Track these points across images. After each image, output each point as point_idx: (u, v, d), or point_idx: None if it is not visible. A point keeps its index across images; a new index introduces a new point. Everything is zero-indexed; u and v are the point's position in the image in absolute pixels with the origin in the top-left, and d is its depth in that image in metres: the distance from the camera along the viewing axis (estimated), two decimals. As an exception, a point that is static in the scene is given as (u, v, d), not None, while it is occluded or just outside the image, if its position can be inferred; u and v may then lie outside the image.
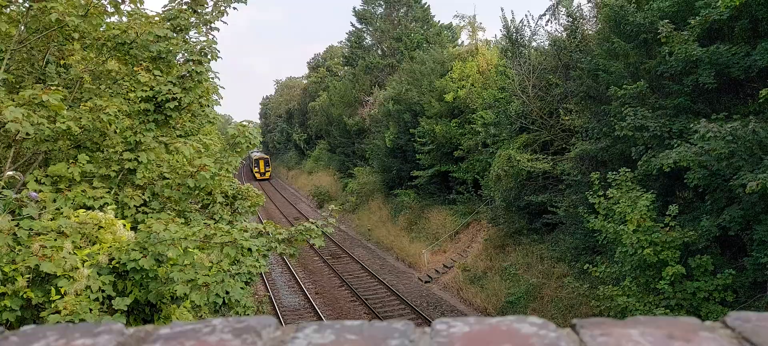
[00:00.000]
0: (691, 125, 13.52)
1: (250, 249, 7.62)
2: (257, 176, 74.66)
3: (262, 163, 77.49)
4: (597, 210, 15.73)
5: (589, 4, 25.39)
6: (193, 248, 6.97)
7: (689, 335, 0.69)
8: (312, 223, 8.93)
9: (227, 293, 6.99)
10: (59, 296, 6.01)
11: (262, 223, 8.87)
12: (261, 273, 15.72)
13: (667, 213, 14.27)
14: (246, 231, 7.94)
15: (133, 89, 9.38)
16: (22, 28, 9.03)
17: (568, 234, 21.49)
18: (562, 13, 25.41)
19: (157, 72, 9.25)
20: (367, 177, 43.88)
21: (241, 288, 8.31)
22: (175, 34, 9.70)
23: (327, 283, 27.15)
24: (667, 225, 14.22)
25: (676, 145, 13.97)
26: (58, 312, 5.89)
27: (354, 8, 52.83)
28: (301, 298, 25.03)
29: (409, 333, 0.70)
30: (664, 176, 15.37)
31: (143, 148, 8.82)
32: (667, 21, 14.94)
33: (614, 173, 15.72)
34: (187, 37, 10.38)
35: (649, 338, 0.67)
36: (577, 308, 19.32)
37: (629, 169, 15.55)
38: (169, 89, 9.18)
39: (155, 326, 0.70)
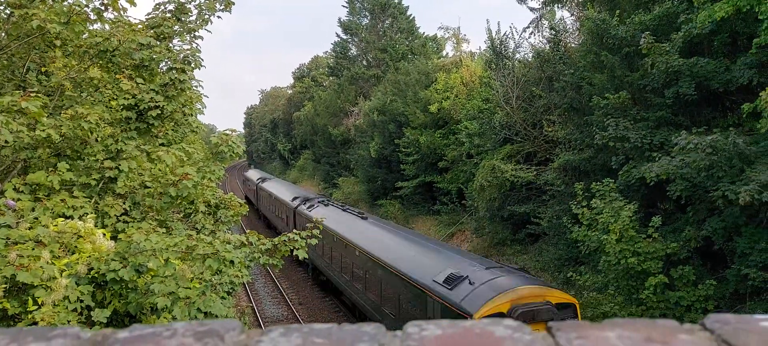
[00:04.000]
0: (672, 138, 13.68)
1: (232, 261, 7.55)
2: None
3: None
4: (580, 220, 15.81)
5: (572, 18, 25.67)
6: (175, 259, 6.89)
7: (667, 337, 0.67)
8: (296, 233, 8.88)
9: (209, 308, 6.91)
10: (36, 307, 5.90)
11: (245, 232, 8.80)
12: (244, 283, 15.58)
13: (649, 224, 14.38)
14: (229, 242, 7.87)
15: (114, 97, 9.29)
16: (3, 34, 8.92)
17: (552, 245, 21.58)
18: (545, 26, 25.64)
19: (139, 80, 9.17)
20: (352, 187, 43.82)
21: (223, 298, 8.22)
22: (158, 42, 9.63)
23: (310, 293, 26.99)
24: (650, 236, 14.34)
25: (657, 158, 14.11)
26: (35, 323, 5.78)
27: (339, 19, 52.95)
28: (284, 309, 24.85)
29: (379, 337, 0.68)
30: (646, 186, 15.51)
31: (125, 156, 8.71)
32: (648, 33, 15.14)
33: (598, 183, 15.84)
34: (170, 45, 10.30)
35: (627, 341, 0.66)
36: (560, 319, 19.32)
37: (612, 180, 15.66)
38: (152, 97, 9.11)
39: (114, 330, 0.67)
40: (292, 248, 8.72)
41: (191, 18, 10.59)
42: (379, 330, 0.69)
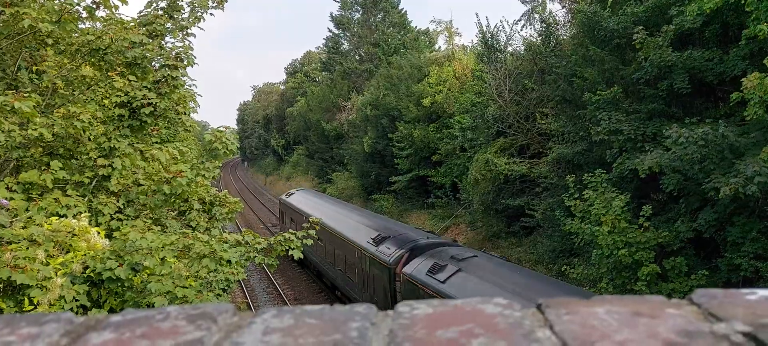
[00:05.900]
0: (664, 130, 13.73)
1: (229, 261, 7.56)
2: None
3: None
4: (573, 213, 15.85)
5: (563, 10, 25.68)
6: (171, 258, 6.87)
7: (655, 311, 0.69)
8: (292, 233, 8.89)
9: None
10: (32, 307, 5.88)
11: (240, 230, 8.80)
12: (239, 280, 15.57)
13: (641, 214, 14.44)
14: (225, 242, 7.86)
15: (107, 95, 9.25)
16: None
17: (546, 237, 21.64)
18: (537, 18, 25.66)
19: (132, 77, 9.13)
20: (346, 182, 43.78)
21: (218, 295, 8.22)
22: (150, 40, 9.59)
23: (306, 289, 27.03)
24: (642, 226, 14.40)
25: (650, 149, 14.15)
26: (30, 322, 5.76)
27: (331, 13, 52.86)
28: (279, 304, 24.88)
29: (370, 316, 0.69)
30: (638, 178, 15.59)
31: (118, 154, 8.68)
32: (641, 27, 15.12)
33: (590, 174, 15.87)
34: (162, 42, 10.26)
35: (615, 316, 0.67)
36: (555, 311, 19.36)
37: (604, 171, 15.70)
38: (145, 95, 9.07)
39: (107, 315, 0.68)
40: (288, 247, 8.71)
41: (183, 15, 10.55)
42: (371, 310, 0.70)
